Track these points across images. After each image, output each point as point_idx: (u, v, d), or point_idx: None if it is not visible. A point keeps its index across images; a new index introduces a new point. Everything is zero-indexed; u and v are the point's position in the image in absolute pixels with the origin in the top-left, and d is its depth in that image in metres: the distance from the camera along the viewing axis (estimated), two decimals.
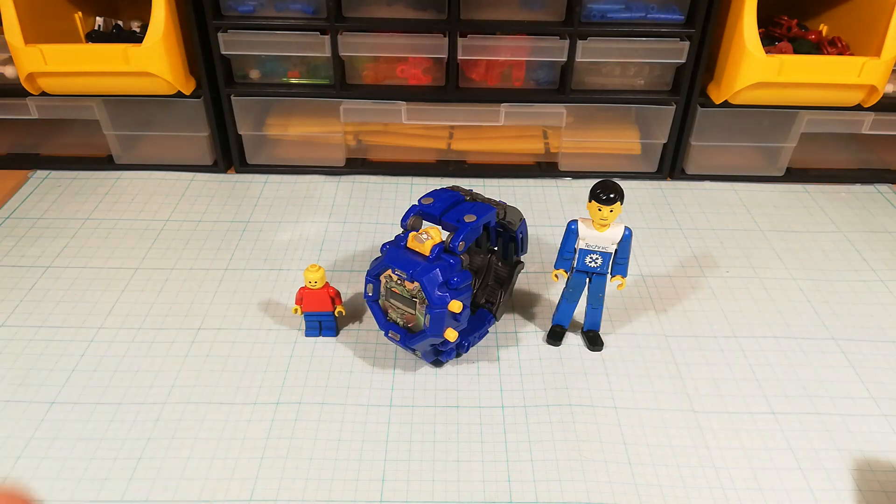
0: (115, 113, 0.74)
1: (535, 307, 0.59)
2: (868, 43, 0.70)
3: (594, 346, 0.54)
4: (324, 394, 0.50)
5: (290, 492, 0.43)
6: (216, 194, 0.74)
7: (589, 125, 0.77)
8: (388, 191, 0.75)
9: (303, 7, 0.69)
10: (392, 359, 0.53)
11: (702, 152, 0.77)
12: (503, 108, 0.73)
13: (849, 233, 0.69)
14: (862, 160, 0.80)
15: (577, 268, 0.51)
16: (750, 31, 0.67)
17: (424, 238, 0.47)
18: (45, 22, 0.71)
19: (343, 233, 0.68)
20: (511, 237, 0.55)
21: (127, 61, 0.67)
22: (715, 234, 0.69)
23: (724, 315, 0.58)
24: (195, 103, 0.73)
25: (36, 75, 0.69)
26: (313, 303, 0.53)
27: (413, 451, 0.46)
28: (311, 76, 0.74)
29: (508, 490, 0.43)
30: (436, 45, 0.70)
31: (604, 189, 0.47)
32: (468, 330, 0.53)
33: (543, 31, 0.70)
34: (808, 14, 0.81)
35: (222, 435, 0.46)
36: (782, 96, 0.71)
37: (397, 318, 0.50)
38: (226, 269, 0.62)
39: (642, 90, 0.74)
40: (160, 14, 0.66)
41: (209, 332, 0.55)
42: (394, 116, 0.74)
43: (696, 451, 0.46)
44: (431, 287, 0.46)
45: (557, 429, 0.47)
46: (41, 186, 0.74)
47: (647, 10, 0.69)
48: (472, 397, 0.50)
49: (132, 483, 0.43)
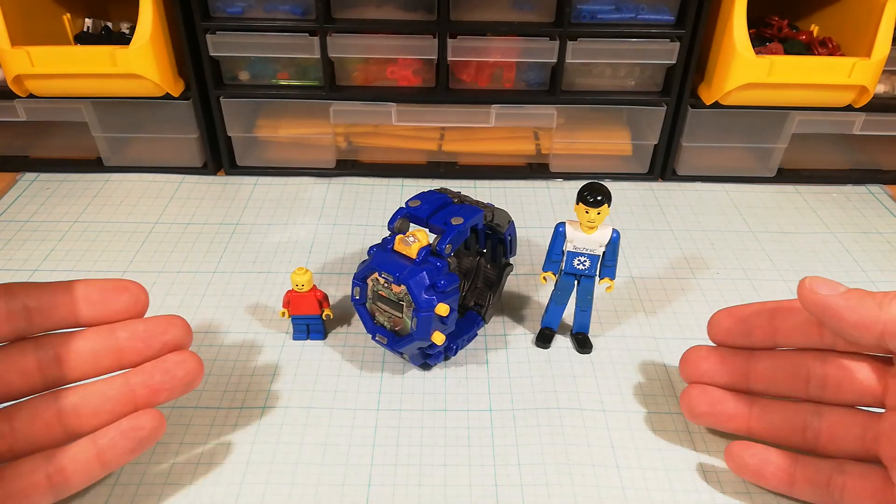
0: (104, 115, 0.74)
1: (524, 309, 0.58)
2: (858, 43, 0.70)
3: (583, 348, 0.54)
4: (311, 398, 0.49)
5: (276, 496, 0.42)
6: (205, 196, 0.73)
7: (580, 126, 0.77)
8: (378, 192, 0.75)
9: (292, 8, 0.69)
10: (380, 362, 0.53)
11: (693, 153, 0.77)
12: (494, 110, 0.73)
13: (840, 234, 0.69)
14: (853, 161, 0.80)
15: (565, 270, 0.51)
16: (740, 31, 0.66)
17: (411, 241, 0.47)
18: (33, 23, 0.70)
19: (333, 235, 0.68)
20: (500, 239, 0.55)
21: (114, 63, 0.66)
22: (705, 236, 0.68)
23: None
24: (184, 105, 0.73)
25: (23, 77, 0.68)
26: (301, 306, 0.52)
27: (400, 456, 0.45)
28: (301, 78, 0.74)
29: (495, 494, 0.43)
30: (426, 46, 0.69)
31: (591, 191, 0.47)
32: (457, 333, 0.52)
33: (533, 32, 0.70)
34: (799, 14, 0.81)
35: (207, 439, 0.46)
36: (773, 97, 0.70)
37: (385, 322, 0.49)
38: (214, 272, 0.62)
39: (633, 91, 0.74)
40: (147, 16, 0.66)
41: (196, 336, 0.55)
42: (384, 118, 0.74)
43: (685, 454, 0.46)
44: (418, 290, 0.46)
45: (545, 432, 0.47)
46: (29, 189, 0.74)
47: (637, 10, 0.69)
48: (460, 401, 0.50)
49: (115, 489, 0.43)
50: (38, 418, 0.38)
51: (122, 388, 0.40)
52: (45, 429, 0.38)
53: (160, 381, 0.40)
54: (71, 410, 0.39)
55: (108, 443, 0.38)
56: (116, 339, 0.40)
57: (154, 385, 0.40)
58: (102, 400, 0.39)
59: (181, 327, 0.41)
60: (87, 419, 0.39)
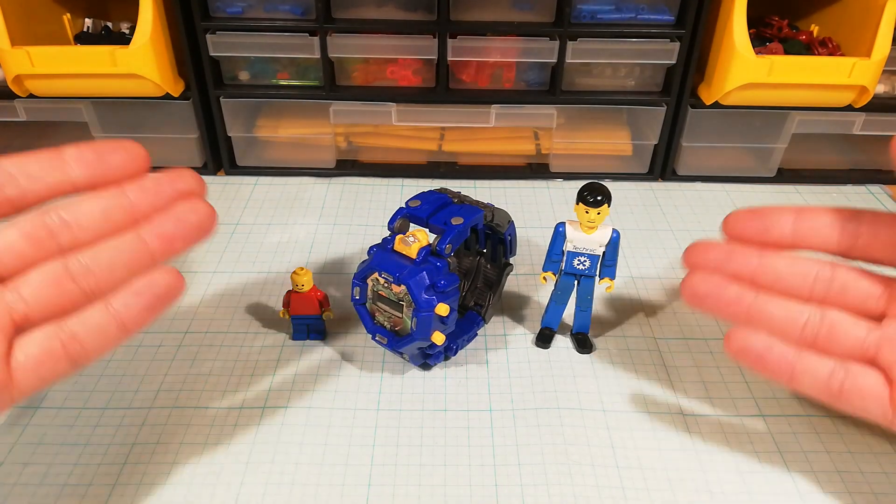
0: (104, 115, 0.74)
1: (524, 309, 0.58)
2: (858, 43, 0.70)
3: (583, 348, 0.54)
4: (311, 398, 0.49)
5: (276, 497, 0.42)
6: (205, 196, 0.73)
7: (580, 126, 0.77)
8: (378, 192, 0.75)
9: (291, 8, 0.69)
10: (380, 362, 0.53)
11: (693, 153, 0.77)
12: (494, 110, 0.73)
13: None
14: (853, 161, 0.80)
15: (565, 270, 0.51)
16: (740, 31, 0.66)
17: (411, 241, 0.47)
18: (33, 23, 0.70)
19: (333, 235, 0.68)
20: (500, 239, 0.55)
21: (114, 63, 0.66)
22: (706, 236, 0.67)
23: (714, 317, 0.58)
24: (184, 105, 0.73)
25: (23, 77, 0.68)
26: (301, 306, 0.52)
27: (400, 456, 0.45)
28: (301, 78, 0.74)
29: (495, 494, 0.43)
30: (426, 46, 0.69)
31: (591, 191, 0.47)
32: (457, 333, 0.52)
33: (533, 32, 0.70)
34: (799, 14, 0.81)
35: (208, 440, 0.46)
36: (773, 97, 0.70)
37: (384, 322, 0.49)
38: (214, 272, 0.62)
39: (633, 91, 0.74)
40: (147, 15, 0.66)
41: (196, 336, 0.55)
42: (384, 118, 0.74)
43: (685, 454, 0.46)
44: (418, 290, 0.46)
45: (545, 432, 0.47)
46: None
47: (638, 10, 0.69)
48: (460, 400, 0.50)
49: (115, 488, 0.43)
50: (50, 282, 0.35)
51: (135, 241, 0.37)
52: (58, 291, 0.36)
53: (173, 229, 0.37)
54: (83, 270, 0.36)
55: (122, 304, 0.36)
56: (125, 196, 0.37)
57: (167, 234, 0.37)
58: (115, 254, 0.37)
59: (192, 176, 0.39)
60: (104, 276, 0.36)
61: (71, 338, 0.35)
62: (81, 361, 0.36)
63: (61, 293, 0.36)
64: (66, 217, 0.37)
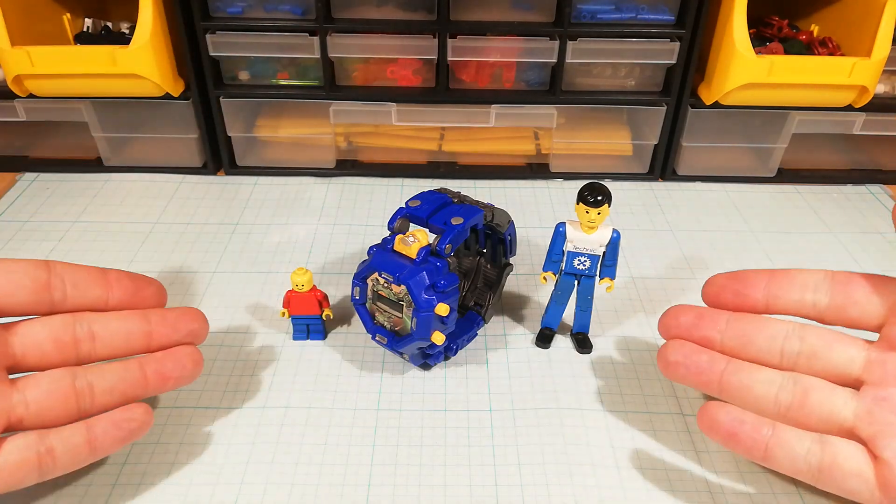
0: (104, 115, 0.74)
1: (524, 309, 0.58)
2: (859, 43, 0.70)
3: (583, 348, 0.54)
4: (311, 398, 0.49)
5: (276, 497, 0.42)
6: (205, 196, 0.73)
7: (580, 126, 0.77)
8: (378, 192, 0.75)
9: (291, 8, 0.68)
10: (380, 362, 0.53)
11: (693, 153, 0.77)
12: (494, 110, 0.73)
13: (840, 234, 0.69)
14: (853, 161, 0.80)
15: (565, 270, 0.51)
16: (740, 31, 0.66)
17: (411, 241, 0.47)
18: (33, 23, 0.70)
19: (333, 235, 0.68)
20: (500, 239, 0.55)
21: (114, 63, 0.66)
22: (705, 236, 0.68)
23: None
24: (184, 105, 0.73)
25: (23, 77, 0.68)
26: (301, 306, 0.52)
27: (399, 456, 0.45)
28: (301, 78, 0.74)
29: (495, 494, 0.43)
30: (426, 46, 0.69)
31: (591, 191, 0.47)
32: (457, 332, 0.52)
33: (533, 31, 0.70)
34: (800, 14, 0.81)
35: (207, 440, 0.46)
36: (773, 97, 0.70)
37: (384, 322, 0.49)
38: (214, 272, 0.62)
39: (633, 91, 0.74)
40: (147, 15, 0.66)
41: None
42: (384, 118, 0.74)
43: (685, 454, 0.46)
44: (418, 290, 0.46)
45: (545, 432, 0.47)
46: (29, 189, 0.74)
47: (638, 10, 0.69)
48: (460, 400, 0.50)
49: (115, 489, 0.43)
50: (55, 392, 0.38)
51: (137, 371, 0.41)
52: (60, 403, 0.38)
53: (171, 370, 0.42)
54: (86, 387, 0.39)
55: (101, 430, 0.39)
56: (148, 322, 0.42)
57: (165, 373, 0.42)
58: (117, 380, 0.40)
59: (203, 320, 0.45)
60: (100, 398, 0.40)
61: (47, 452, 0.37)
62: (47, 475, 0.38)
63: (60, 407, 0.39)
64: (96, 330, 0.41)
